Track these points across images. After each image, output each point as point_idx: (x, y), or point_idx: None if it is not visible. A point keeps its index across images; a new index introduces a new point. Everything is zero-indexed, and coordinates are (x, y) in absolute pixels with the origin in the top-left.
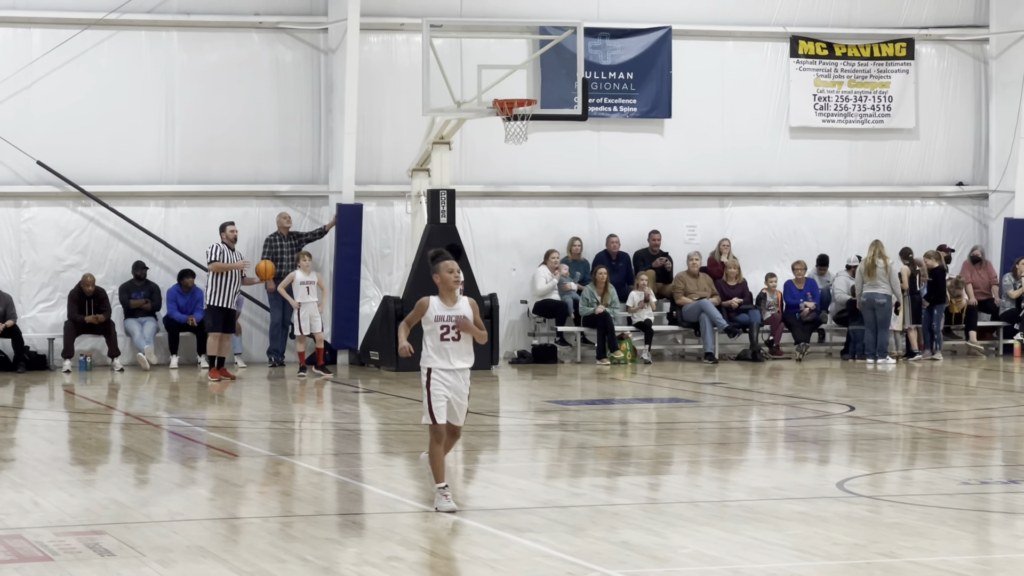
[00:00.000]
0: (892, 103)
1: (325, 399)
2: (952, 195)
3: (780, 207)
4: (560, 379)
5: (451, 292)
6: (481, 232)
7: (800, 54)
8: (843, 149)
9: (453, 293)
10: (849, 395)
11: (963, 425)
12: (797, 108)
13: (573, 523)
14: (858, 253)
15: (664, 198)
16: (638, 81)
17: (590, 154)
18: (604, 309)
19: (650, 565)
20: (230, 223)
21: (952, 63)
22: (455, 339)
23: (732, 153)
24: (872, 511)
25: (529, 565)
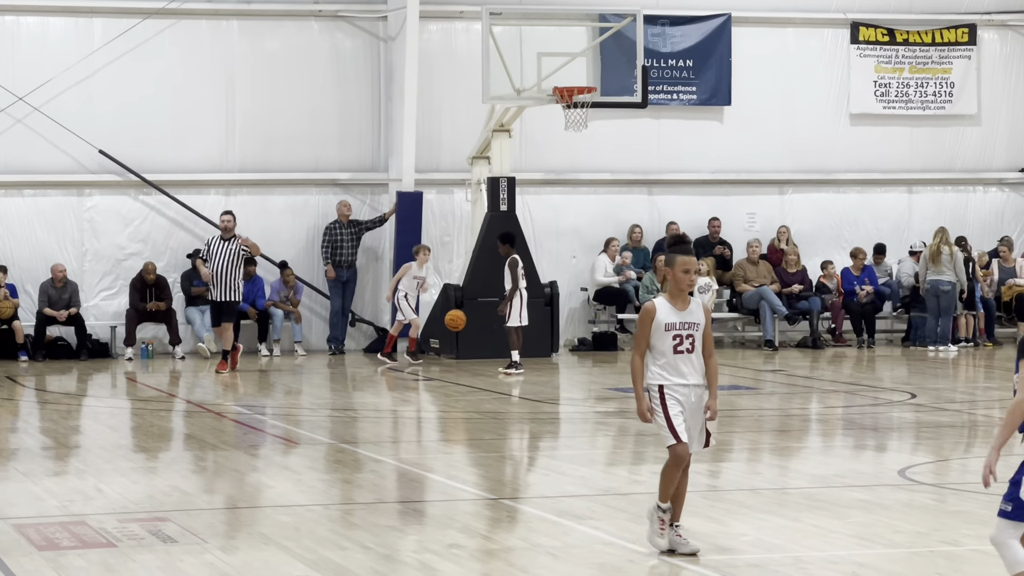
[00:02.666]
0: (954, 89)
1: (385, 387)
2: (1014, 181)
3: (840, 194)
4: (620, 366)
5: (683, 294)
6: (541, 220)
7: (860, 40)
8: (904, 136)
9: (685, 295)
10: (911, 382)
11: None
12: (857, 95)
13: (633, 511)
14: (922, 239)
15: (724, 185)
16: (698, 68)
17: (650, 141)
18: None
19: (711, 552)
20: (224, 212)
21: (1015, 48)
22: (689, 351)
23: (792, 140)
24: (934, 499)
25: (590, 553)
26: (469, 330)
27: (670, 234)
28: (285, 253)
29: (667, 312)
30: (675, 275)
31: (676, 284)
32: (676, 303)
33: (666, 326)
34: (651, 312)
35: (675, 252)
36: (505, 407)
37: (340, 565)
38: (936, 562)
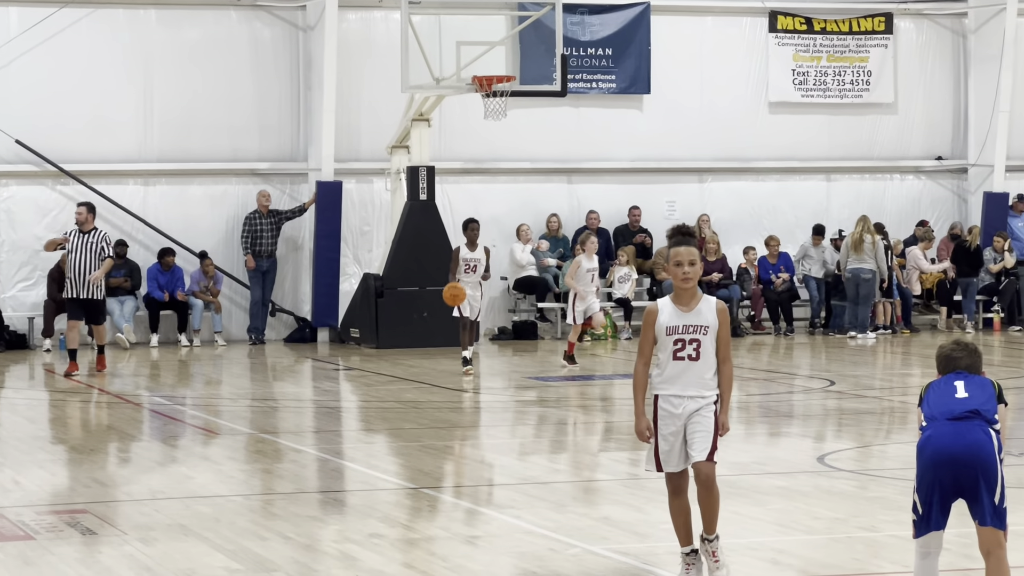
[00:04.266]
0: (871, 78)
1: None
2: (931, 170)
3: (759, 182)
4: (540, 355)
5: (686, 292)
6: (460, 209)
7: (779, 29)
8: (822, 124)
9: (692, 293)
10: (829, 370)
11: None
12: (776, 83)
13: (554, 499)
14: (840, 228)
15: (643, 174)
16: (617, 57)
17: (569, 130)
18: None
19: (631, 540)
20: (79, 204)
21: (931, 37)
22: (692, 358)
23: (711, 128)
24: (853, 486)
25: (510, 541)
26: (389, 320)
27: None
28: (204, 243)
29: (670, 313)
30: (669, 270)
31: (674, 280)
32: (680, 303)
33: (667, 329)
34: (653, 313)
35: (670, 245)
36: (426, 396)
37: (261, 556)
38: (854, 548)
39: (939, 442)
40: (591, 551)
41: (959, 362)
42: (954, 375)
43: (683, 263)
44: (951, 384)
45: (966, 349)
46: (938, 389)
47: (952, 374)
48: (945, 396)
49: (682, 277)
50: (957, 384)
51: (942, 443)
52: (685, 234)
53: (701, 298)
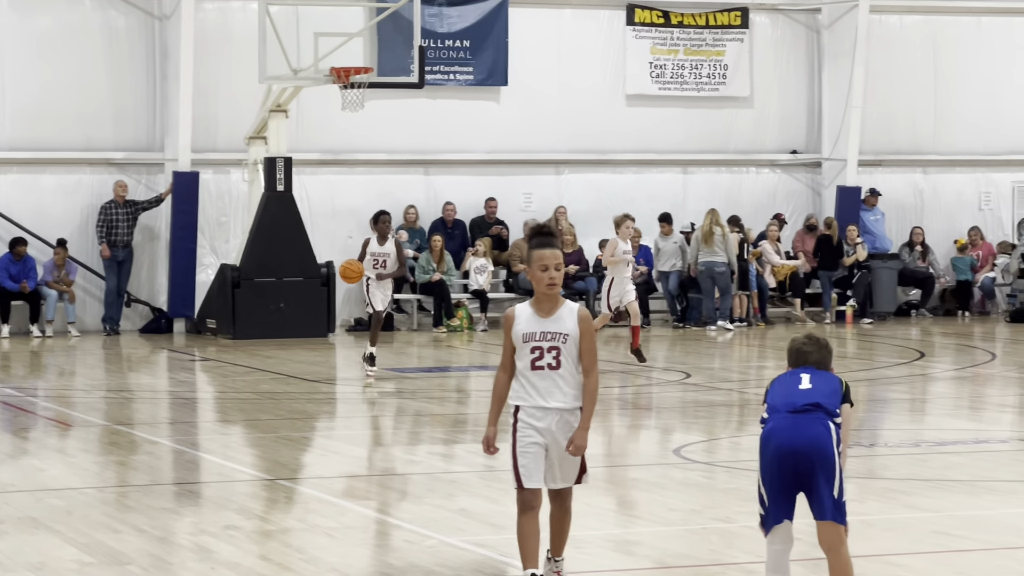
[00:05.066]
0: (727, 71)
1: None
2: (786, 163)
3: (616, 174)
4: (397, 347)
5: (548, 297)
6: (318, 200)
7: (636, 22)
8: (679, 117)
9: (553, 298)
10: (685, 362)
11: None
12: (633, 76)
13: (410, 491)
14: (692, 220)
15: (500, 166)
16: (474, 49)
17: (426, 122)
18: (440, 277)
19: (488, 532)
20: None
21: (786, 32)
22: (552, 367)
23: (568, 121)
24: (708, 477)
25: (366, 533)
26: (246, 311)
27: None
28: (58, 233)
29: (527, 320)
30: (532, 274)
31: (536, 285)
32: (540, 309)
33: (524, 336)
34: (509, 319)
35: (533, 246)
36: (283, 387)
37: (114, 549)
38: (709, 539)
39: (780, 435)
40: (447, 543)
41: (809, 356)
42: (801, 368)
43: (549, 267)
44: (796, 376)
45: (816, 344)
46: (783, 381)
47: (800, 368)
48: (789, 388)
49: (548, 282)
50: (803, 376)
51: (782, 436)
52: (548, 234)
53: (563, 304)
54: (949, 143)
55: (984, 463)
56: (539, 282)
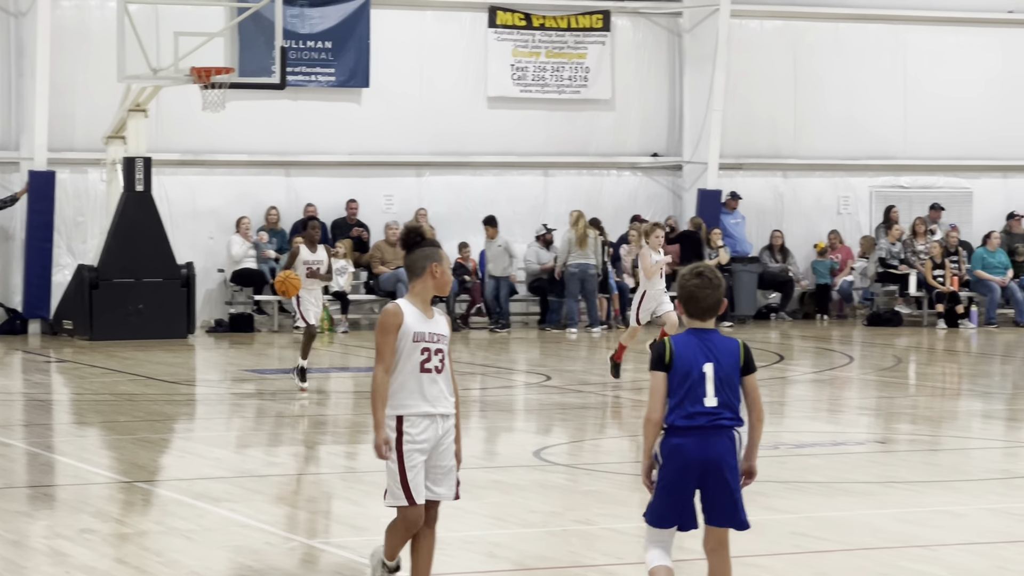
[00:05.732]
0: (589, 74)
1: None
2: (647, 166)
3: (477, 177)
4: (257, 348)
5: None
6: (178, 200)
7: (498, 24)
8: (540, 119)
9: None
10: (545, 364)
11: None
12: (495, 78)
13: (271, 492)
14: (545, 223)
15: (361, 167)
16: (336, 50)
17: (288, 123)
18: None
19: (349, 534)
20: None
21: (647, 35)
22: (439, 370)
23: (430, 123)
24: (568, 479)
25: (226, 535)
26: (103, 312)
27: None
28: None
29: (415, 318)
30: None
31: (439, 286)
32: (425, 309)
33: (414, 336)
34: (398, 316)
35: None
36: (141, 389)
37: None
38: (570, 540)
39: (690, 452)
40: (309, 544)
41: (706, 300)
42: (703, 353)
43: (446, 269)
44: (700, 384)
45: (710, 284)
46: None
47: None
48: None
49: (445, 282)
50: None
51: (693, 454)
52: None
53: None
54: (809, 147)
55: (841, 465)
56: (445, 284)
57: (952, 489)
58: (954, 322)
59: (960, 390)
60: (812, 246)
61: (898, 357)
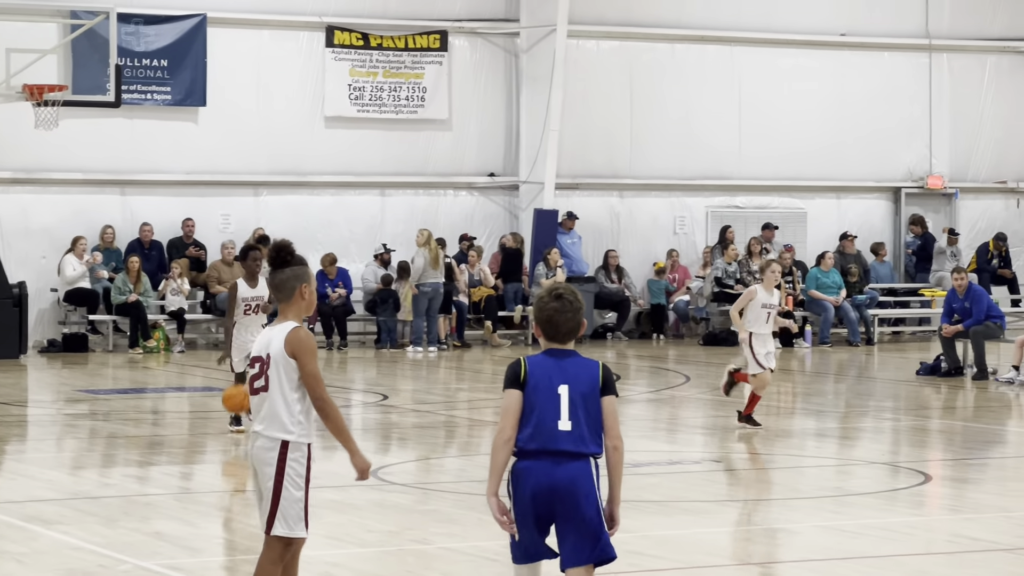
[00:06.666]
0: (426, 94)
1: None
2: (484, 186)
3: (314, 196)
4: (91, 368)
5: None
6: (10, 219)
7: (336, 44)
8: (377, 139)
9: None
10: (383, 383)
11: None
12: (332, 98)
13: (105, 514)
14: (384, 242)
15: (198, 186)
16: (173, 68)
17: (123, 141)
18: (137, 298)
19: (183, 555)
20: None
21: (484, 56)
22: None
23: (267, 142)
24: (406, 499)
25: (59, 558)
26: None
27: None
28: None
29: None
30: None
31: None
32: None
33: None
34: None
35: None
36: None
37: None
38: (406, 560)
39: (539, 477)
40: (142, 566)
41: (565, 324)
42: (559, 374)
43: (314, 290)
44: (555, 407)
45: (570, 307)
46: (538, 405)
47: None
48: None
49: (312, 303)
50: (562, 412)
51: (542, 479)
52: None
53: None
54: (645, 167)
55: (677, 484)
56: (312, 305)
57: (786, 507)
58: (789, 341)
59: (795, 409)
60: (652, 265)
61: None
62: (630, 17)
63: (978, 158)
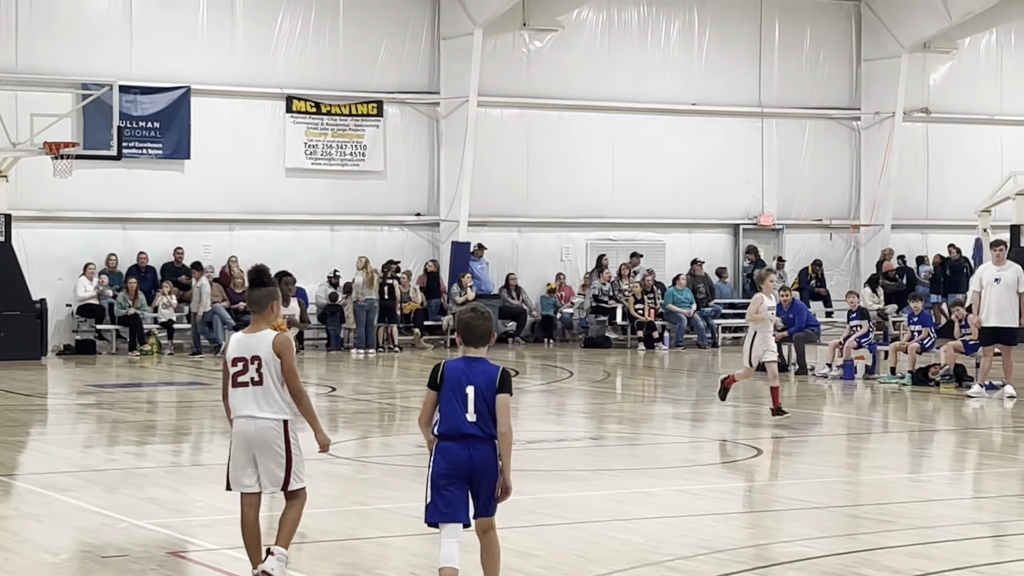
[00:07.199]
0: (366, 150)
1: None
2: (412, 223)
3: (277, 231)
4: (98, 367)
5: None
6: (33, 248)
7: (294, 110)
8: (327, 186)
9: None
10: (331, 379)
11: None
12: (291, 153)
13: (108, 483)
14: (336, 268)
15: (185, 223)
16: (163, 129)
17: (124, 187)
18: (135, 311)
19: (171, 516)
20: None
21: (412, 120)
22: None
23: (239, 187)
24: (348, 469)
25: (70, 519)
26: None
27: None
28: None
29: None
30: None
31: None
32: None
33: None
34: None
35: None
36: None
37: None
38: (348, 518)
39: (452, 455)
40: (137, 524)
41: (478, 330)
42: (467, 377)
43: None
44: (463, 402)
45: (482, 317)
46: (451, 401)
47: (466, 378)
48: (458, 414)
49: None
50: (468, 406)
51: (454, 456)
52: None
53: None
54: (538, 208)
55: (563, 457)
56: (279, 315)
57: (649, 475)
58: (651, 345)
59: (656, 397)
60: (544, 285)
61: (608, 372)
62: (527, 90)
63: (799, 201)
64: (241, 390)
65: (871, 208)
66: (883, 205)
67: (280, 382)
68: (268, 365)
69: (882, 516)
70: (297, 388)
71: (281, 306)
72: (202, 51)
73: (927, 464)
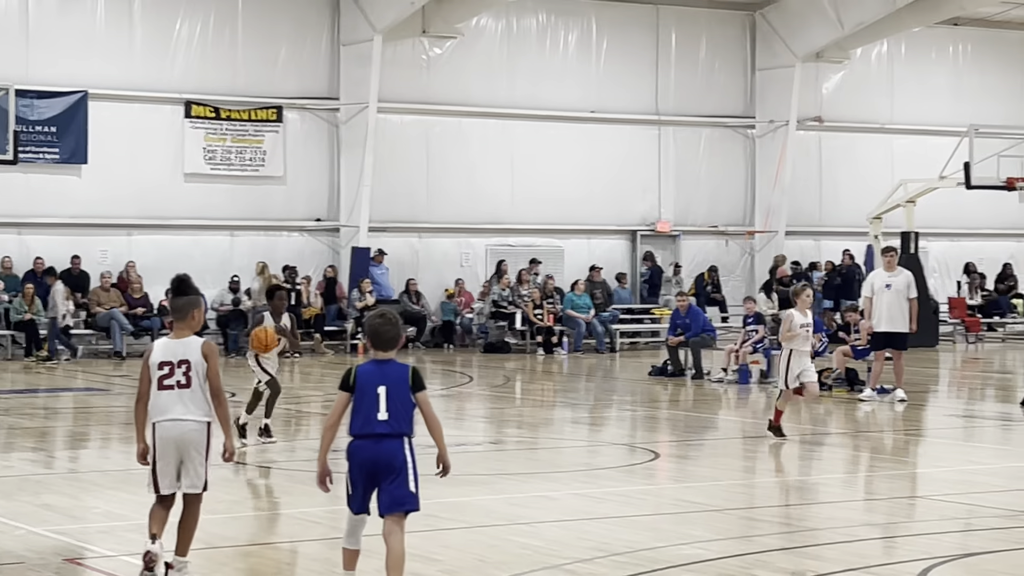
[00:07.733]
0: (266, 156)
1: None
2: (312, 228)
3: (176, 236)
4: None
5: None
6: None
7: (193, 115)
8: (227, 191)
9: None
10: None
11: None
12: (190, 158)
13: (4, 490)
14: (235, 274)
15: (82, 228)
16: (61, 133)
17: (20, 191)
18: (31, 317)
19: (68, 522)
20: None
21: (312, 126)
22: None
23: (138, 192)
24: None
25: None
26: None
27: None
28: None
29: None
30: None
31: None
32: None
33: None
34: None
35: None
36: None
37: None
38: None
39: (364, 453)
40: (33, 531)
41: (386, 335)
42: (379, 378)
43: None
44: (375, 402)
45: (390, 323)
46: (363, 402)
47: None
48: (370, 414)
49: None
50: (380, 406)
51: (366, 454)
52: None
53: None
54: (438, 214)
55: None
56: (199, 324)
57: (548, 479)
58: (550, 350)
59: (555, 402)
60: (443, 290)
61: (507, 377)
62: (426, 97)
63: (696, 208)
64: (167, 392)
65: (765, 215)
66: (777, 212)
67: (206, 387)
68: (196, 368)
69: (776, 518)
70: (220, 390)
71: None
72: (100, 55)
73: (820, 467)
